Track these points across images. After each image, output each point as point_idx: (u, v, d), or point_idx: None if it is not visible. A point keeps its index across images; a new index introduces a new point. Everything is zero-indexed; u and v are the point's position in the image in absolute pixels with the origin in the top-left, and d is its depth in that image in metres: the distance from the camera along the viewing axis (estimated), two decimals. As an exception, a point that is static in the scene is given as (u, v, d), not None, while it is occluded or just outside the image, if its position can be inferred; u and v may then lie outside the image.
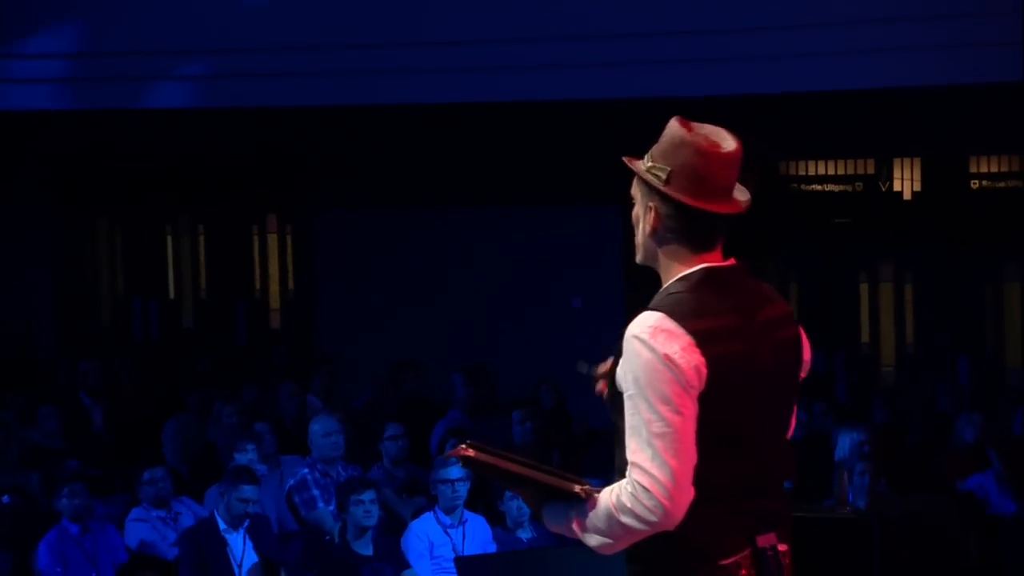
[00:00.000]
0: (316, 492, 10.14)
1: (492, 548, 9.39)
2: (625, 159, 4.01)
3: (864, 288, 14.36)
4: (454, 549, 9.27)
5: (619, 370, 3.86)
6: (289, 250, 15.83)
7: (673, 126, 3.93)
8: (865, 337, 14.38)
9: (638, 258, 4.05)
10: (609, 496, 3.80)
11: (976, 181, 14.16)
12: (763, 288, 4.01)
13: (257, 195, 15.63)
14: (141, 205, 15.95)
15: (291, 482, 10.26)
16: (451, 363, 12.91)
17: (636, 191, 4.00)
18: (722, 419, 3.82)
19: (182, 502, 10.10)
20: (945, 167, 14.13)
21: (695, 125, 3.92)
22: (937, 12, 11.78)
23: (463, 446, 3.87)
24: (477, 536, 9.40)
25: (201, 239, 16.09)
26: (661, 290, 3.96)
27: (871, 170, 14.25)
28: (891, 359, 14.30)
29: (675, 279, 3.94)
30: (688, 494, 3.78)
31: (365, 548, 9.07)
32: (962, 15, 11.68)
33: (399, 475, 10.86)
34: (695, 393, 3.78)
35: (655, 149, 3.95)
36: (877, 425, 11.87)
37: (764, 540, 3.88)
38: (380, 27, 13.15)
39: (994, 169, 14.17)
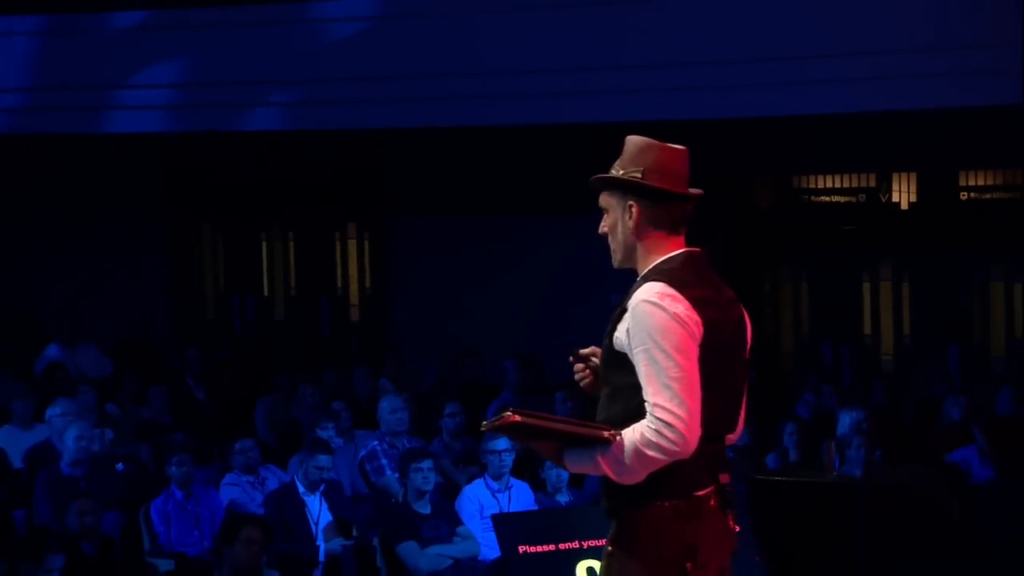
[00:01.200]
0: (384, 461, 10.23)
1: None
2: (596, 176, 4.20)
3: (866, 287, 14.30)
4: (501, 511, 9.33)
5: (622, 332, 4.01)
6: (367, 253, 15.90)
7: (633, 139, 4.18)
8: (867, 330, 14.32)
9: (616, 262, 4.22)
10: (633, 435, 3.94)
11: (965, 193, 14.08)
12: (716, 274, 4.20)
13: (339, 206, 15.74)
14: (240, 214, 16.09)
15: (363, 452, 10.36)
16: (505, 351, 12.93)
17: (609, 201, 4.21)
18: (703, 372, 3.98)
19: (268, 469, 10.18)
20: (938, 181, 14.05)
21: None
22: (930, 45, 11.75)
23: (508, 413, 4.00)
24: (521, 499, 9.43)
25: (291, 243, 16.20)
26: (649, 269, 4.12)
27: (872, 183, 14.19)
28: (890, 349, 14.24)
29: (660, 260, 4.11)
30: (699, 427, 3.92)
31: (424, 508, 9.13)
32: (954, 47, 11.64)
33: (456, 447, 10.92)
34: (697, 346, 3.96)
35: (622, 160, 4.17)
36: (876, 405, 11.85)
37: (724, 478, 4.08)
38: (446, 58, 13.24)
39: (982, 183, 14.09)
